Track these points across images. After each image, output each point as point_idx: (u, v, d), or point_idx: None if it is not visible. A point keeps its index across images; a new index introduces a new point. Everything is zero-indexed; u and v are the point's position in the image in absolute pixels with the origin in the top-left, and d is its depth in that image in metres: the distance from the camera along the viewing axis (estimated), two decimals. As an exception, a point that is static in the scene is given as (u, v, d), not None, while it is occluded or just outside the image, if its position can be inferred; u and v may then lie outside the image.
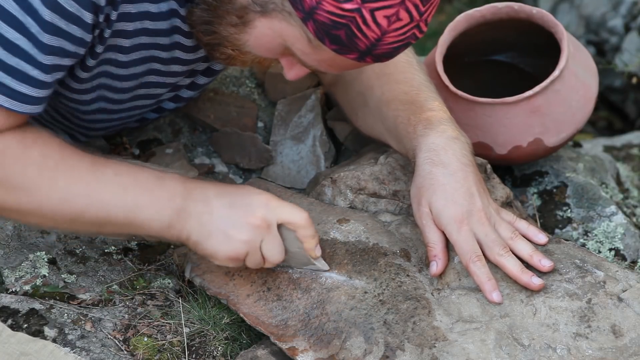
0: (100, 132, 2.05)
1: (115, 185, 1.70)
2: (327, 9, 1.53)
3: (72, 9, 1.58)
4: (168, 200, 1.71)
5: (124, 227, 1.73)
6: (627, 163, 2.39)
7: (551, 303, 1.72)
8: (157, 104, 1.99)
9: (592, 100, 2.08)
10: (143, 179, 1.72)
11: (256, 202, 1.72)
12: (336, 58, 1.61)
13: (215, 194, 1.72)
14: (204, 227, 1.71)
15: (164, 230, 1.72)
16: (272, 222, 1.71)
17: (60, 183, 1.68)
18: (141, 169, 1.74)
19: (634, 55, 3.34)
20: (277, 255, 1.74)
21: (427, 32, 1.68)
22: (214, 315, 1.84)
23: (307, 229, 1.73)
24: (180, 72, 1.87)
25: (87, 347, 1.75)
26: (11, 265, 1.86)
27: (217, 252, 1.72)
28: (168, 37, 1.76)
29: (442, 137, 1.79)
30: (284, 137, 2.18)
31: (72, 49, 1.64)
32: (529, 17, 2.08)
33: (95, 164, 1.70)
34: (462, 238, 1.74)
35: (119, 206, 1.70)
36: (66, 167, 1.69)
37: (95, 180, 1.69)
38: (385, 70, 1.92)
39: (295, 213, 1.73)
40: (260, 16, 1.62)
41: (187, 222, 1.71)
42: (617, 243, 2.04)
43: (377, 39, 1.57)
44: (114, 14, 1.65)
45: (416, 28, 1.59)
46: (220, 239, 1.70)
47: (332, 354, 1.70)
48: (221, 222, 1.70)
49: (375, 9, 1.53)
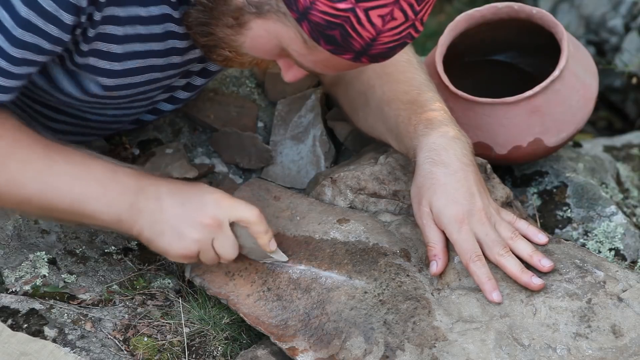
0: (98, 132, 2.06)
1: (65, 173, 1.72)
2: (321, 9, 1.53)
3: (50, 8, 1.60)
4: (119, 195, 1.72)
5: (71, 216, 1.75)
6: (627, 163, 2.39)
7: (551, 303, 1.72)
8: (151, 104, 1.99)
9: (592, 100, 2.08)
10: (95, 170, 1.73)
11: (208, 201, 1.74)
12: (332, 59, 1.61)
13: (167, 192, 1.74)
14: (156, 225, 1.73)
15: (114, 224, 1.74)
16: (223, 220, 1.74)
17: (11, 166, 1.70)
18: (96, 160, 1.75)
19: (634, 55, 3.34)
20: (230, 252, 1.76)
21: (427, 32, 1.67)
22: (214, 315, 1.84)
23: (258, 225, 1.76)
24: (174, 74, 1.87)
25: (87, 347, 1.75)
26: (11, 265, 1.86)
27: (170, 250, 1.74)
28: (162, 42, 1.76)
29: (443, 137, 1.79)
30: (284, 137, 2.18)
31: (47, 46, 1.65)
32: (529, 17, 2.09)
33: (49, 150, 1.72)
34: (462, 238, 1.74)
35: (67, 195, 1.71)
36: (19, 151, 1.70)
37: (45, 167, 1.71)
38: (385, 70, 1.92)
39: (247, 211, 1.75)
40: (255, 17, 1.62)
41: (139, 218, 1.73)
42: (617, 243, 2.04)
43: (372, 38, 1.57)
44: (98, 15, 1.66)
45: (412, 27, 1.59)
46: (172, 237, 1.73)
47: (332, 354, 1.70)
48: (173, 220, 1.73)
49: (369, 9, 1.53)
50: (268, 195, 1.97)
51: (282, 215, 1.92)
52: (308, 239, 1.86)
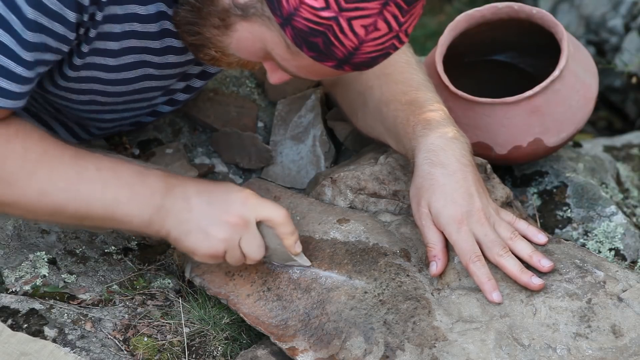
0: (97, 132, 2.06)
1: (95, 180, 1.71)
2: (304, 16, 1.53)
3: (55, 7, 1.60)
4: (149, 197, 1.72)
5: (104, 222, 1.74)
6: (627, 163, 2.39)
7: (551, 303, 1.72)
8: (151, 107, 1.99)
9: (592, 100, 2.08)
10: (124, 175, 1.73)
11: (234, 200, 1.73)
12: (314, 65, 1.61)
13: (195, 192, 1.74)
14: (183, 224, 1.73)
15: (144, 226, 1.74)
16: (250, 219, 1.73)
17: (41, 176, 1.69)
18: (123, 163, 1.75)
19: (634, 55, 3.34)
20: (257, 252, 1.75)
21: (427, 32, 1.67)
22: (214, 315, 1.84)
23: (285, 226, 1.75)
24: (172, 74, 1.87)
25: (87, 347, 1.75)
26: (11, 265, 1.86)
27: (197, 249, 1.74)
28: (159, 40, 1.76)
29: (441, 137, 1.79)
30: (284, 137, 2.18)
31: (54, 44, 1.65)
32: (529, 17, 2.09)
33: (77, 158, 1.72)
34: (461, 238, 1.74)
35: (99, 201, 1.71)
36: (47, 161, 1.70)
37: (76, 175, 1.71)
38: (384, 71, 1.92)
39: (274, 210, 1.74)
40: (241, 20, 1.62)
41: (167, 219, 1.73)
42: (617, 243, 2.04)
43: (355, 47, 1.56)
44: (99, 15, 1.66)
45: (395, 38, 1.58)
46: (199, 236, 1.72)
47: (332, 354, 1.70)
48: (200, 220, 1.72)
49: (352, 18, 1.53)
50: (268, 195, 1.97)
51: (282, 215, 1.92)
52: (308, 239, 1.86)
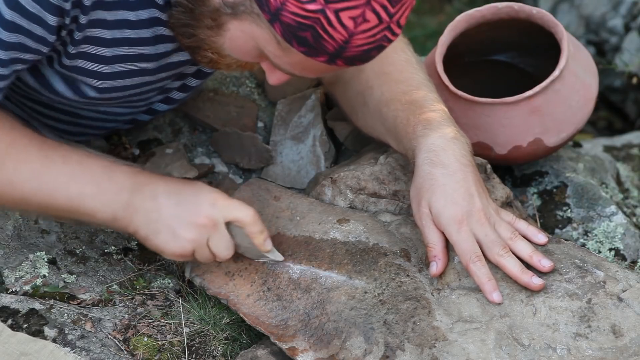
0: (94, 130, 2.06)
1: (61, 173, 1.72)
2: (291, 10, 1.53)
3: (34, 9, 1.61)
4: (115, 194, 1.73)
5: (68, 214, 1.76)
6: (627, 163, 2.39)
7: (551, 303, 1.72)
8: (147, 105, 1.99)
9: (592, 100, 2.08)
10: (91, 169, 1.74)
11: (203, 201, 1.75)
12: (307, 61, 1.61)
13: (163, 191, 1.75)
14: (152, 224, 1.74)
15: (109, 222, 1.75)
16: (218, 220, 1.74)
17: (7, 166, 1.70)
18: (91, 157, 1.75)
19: (634, 55, 3.34)
20: (225, 251, 1.77)
21: (427, 32, 1.67)
22: (214, 315, 1.84)
23: (253, 225, 1.76)
24: (166, 76, 1.88)
25: (87, 347, 1.75)
26: (11, 265, 1.86)
27: (165, 249, 1.76)
28: (153, 46, 1.76)
29: (442, 137, 1.79)
30: (284, 137, 2.18)
31: (33, 45, 1.66)
32: (529, 17, 2.08)
33: (44, 150, 1.72)
34: (461, 238, 1.74)
35: (63, 194, 1.72)
36: (15, 151, 1.71)
37: (41, 166, 1.72)
38: (384, 70, 1.91)
39: (242, 211, 1.76)
40: (231, 18, 1.62)
41: (135, 217, 1.74)
42: (617, 243, 2.04)
43: (345, 40, 1.55)
44: (84, 18, 1.66)
45: (387, 30, 1.58)
46: (168, 236, 1.74)
47: (332, 354, 1.70)
48: (168, 220, 1.73)
49: (339, 10, 1.52)
50: (268, 195, 1.97)
51: (282, 215, 1.92)
52: (308, 239, 1.86)
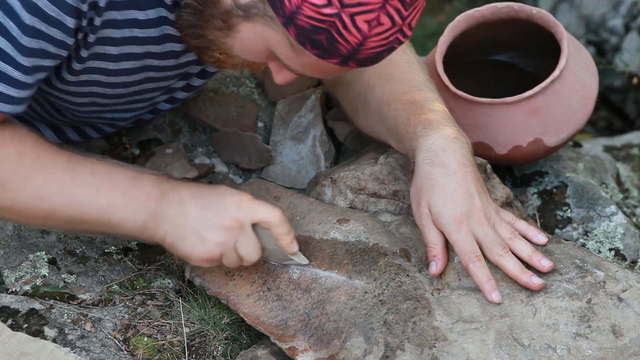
0: (96, 135, 2.06)
1: (90, 185, 1.71)
2: (307, 13, 1.53)
3: (53, 13, 1.60)
4: (143, 202, 1.72)
5: (97, 227, 1.74)
6: (627, 163, 2.39)
7: (551, 303, 1.72)
8: (152, 106, 2.00)
9: (592, 100, 2.08)
10: (119, 180, 1.73)
11: (229, 203, 1.73)
12: (319, 63, 1.61)
13: (189, 196, 1.74)
14: (178, 229, 1.73)
15: (138, 231, 1.74)
16: (245, 222, 1.73)
17: (35, 181, 1.69)
18: (118, 168, 1.75)
19: (634, 55, 3.34)
20: (253, 254, 1.75)
21: (427, 32, 1.67)
22: (214, 315, 1.84)
23: (280, 226, 1.75)
24: (172, 75, 1.88)
25: (87, 347, 1.75)
26: (11, 265, 1.86)
27: (192, 253, 1.74)
28: (160, 45, 1.77)
29: (442, 137, 1.79)
30: (284, 137, 2.18)
31: (53, 50, 1.65)
32: (529, 17, 2.09)
33: (71, 163, 1.71)
34: (461, 238, 1.74)
35: (93, 206, 1.71)
36: (42, 166, 1.70)
37: (70, 180, 1.70)
38: (386, 70, 1.92)
39: (269, 212, 1.74)
40: (243, 20, 1.62)
41: (162, 224, 1.73)
42: (617, 243, 2.04)
43: (359, 43, 1.56)
44: (98, 20, 1.66)
45: (399, 32, 1.58)
46: (194, 241, 1.72)
47: (332, 354, 1.70)
48: (195, 224, 1.72)
49: (355, 14, 1.53)
50: (268, 195, 1.97)
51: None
52: (308, 239, 1.86)
